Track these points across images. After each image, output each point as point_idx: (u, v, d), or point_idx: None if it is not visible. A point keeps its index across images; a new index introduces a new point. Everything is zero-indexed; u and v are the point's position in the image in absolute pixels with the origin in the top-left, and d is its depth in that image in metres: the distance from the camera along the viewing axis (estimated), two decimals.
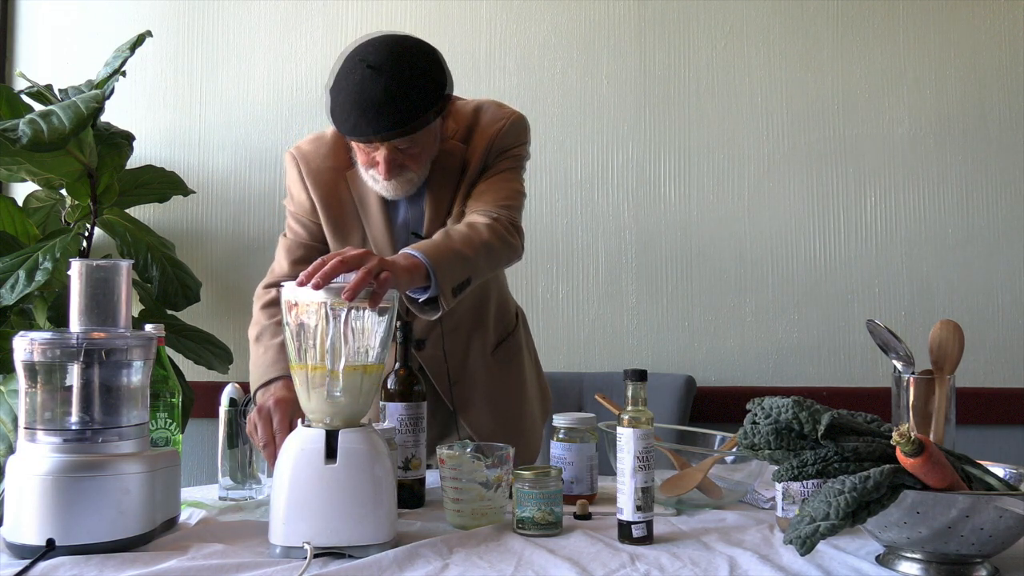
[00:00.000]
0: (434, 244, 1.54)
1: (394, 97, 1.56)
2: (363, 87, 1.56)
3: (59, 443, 1.23)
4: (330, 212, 1.78)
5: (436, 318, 1.59)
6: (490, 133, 1.76)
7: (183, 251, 2.79)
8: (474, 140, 1.76)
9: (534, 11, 2.91)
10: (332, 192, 1.77)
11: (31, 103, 2.42)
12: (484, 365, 1.90)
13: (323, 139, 1.81)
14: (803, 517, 1.07)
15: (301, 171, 1.79)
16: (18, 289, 2.23)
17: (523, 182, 1.82)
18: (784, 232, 2.85)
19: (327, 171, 1.78)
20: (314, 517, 1.21)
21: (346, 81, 1.59)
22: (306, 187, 1.79)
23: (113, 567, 1.15)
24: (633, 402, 1.30)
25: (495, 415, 1.88)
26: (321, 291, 1.26)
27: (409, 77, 1.58)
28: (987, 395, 2.76)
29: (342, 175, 1.78)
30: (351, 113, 1.57)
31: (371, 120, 1.56)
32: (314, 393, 1.27)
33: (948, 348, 1.37)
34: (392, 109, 1.56)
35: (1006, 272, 2.81)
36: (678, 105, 2.88)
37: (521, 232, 1.73)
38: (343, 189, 1.77)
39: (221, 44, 2.97)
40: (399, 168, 1.65)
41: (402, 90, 1.56)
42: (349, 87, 1.58)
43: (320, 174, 1.78)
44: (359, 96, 1.56)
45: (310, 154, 1.80)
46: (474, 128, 1.77)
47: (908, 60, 2.85)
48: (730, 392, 2.79)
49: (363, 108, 1.56)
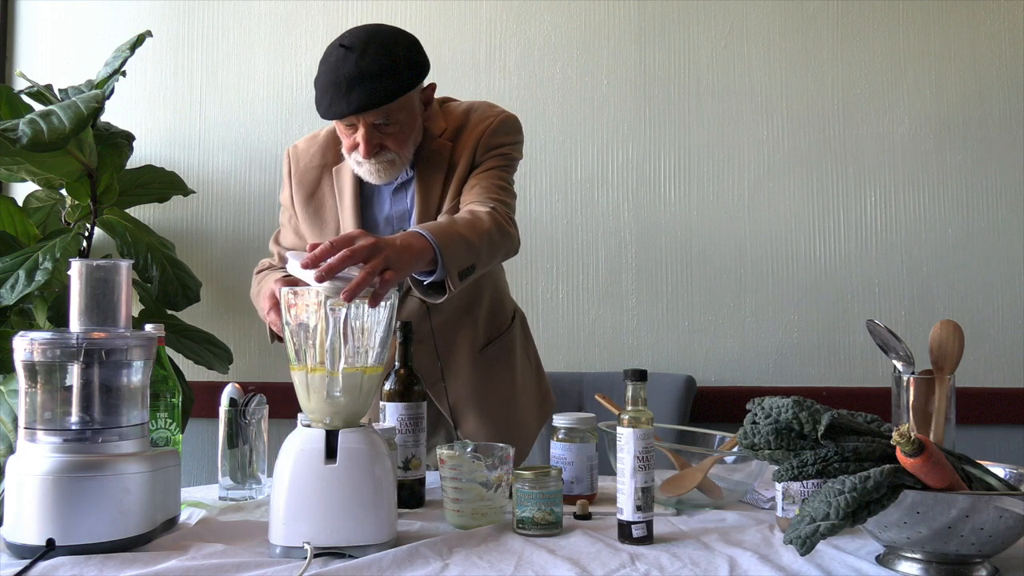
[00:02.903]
0: (440, 226, 1.52)
1: (366, 73, 1.61)
2: (337, 67, 1.63)
3: (59, 443, 1.23)
4: (308, 208, 1.85)
5: (429, 307, 1.63)
6: (479, 130, 1.78)
7: (183, 251, 2.79)
8: (462, 137, 1.79)
9: (534, 11, 2.91)
10: (314, 189, 1.85)
11: (31, 103, 2.42)
12: (471, 362, 1.90)
13: (316, 138, 1.89)
14: (803, 517, 1.07)
15: (291, 169, 1.88)
16: (18, 289, 2.23)
17: (512, 182, 1.83)
18: (784, 232, 2.85)
19: (314, 169, 1.85)
20: (314, 517, 1.21)
21: (323, 65, 1.67)
22: (291, 185, 1.87)
23: (113, 567, 1.15)
24: (633, 402, 1.30)
25: (482, 414, 1.89)
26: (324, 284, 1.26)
27: (381, 53, 1.63)
28: (987, 395, 2.76)
29: (328, 171, 1.84)
30: (327, 93, 1.63)
31: (344, 95, 1.61)
32: (314, 393, 1.27)
33: (948, 348, 1.37)
34: (365, 84, 1.61)
35: (1006, 272, 2.81)
36: (678, 105, 2.88)
37: (516, 225, 1.74)
38: (325, 184, 1.84)
39: (221, 44, 2.97)
40: (378, 148, 1.68)
41: (374, 65, 1.62)
42: (326, 70, 1.65)
43: (307, 172, 1.86)
44: (335, 75, 1.62)
45: (302, 153, 1.88)
46: (463, 127, 1.81)
47: (908, 60, 2.85)
48: (730, 392, 2.79)
49: (337, 85, 1.62)
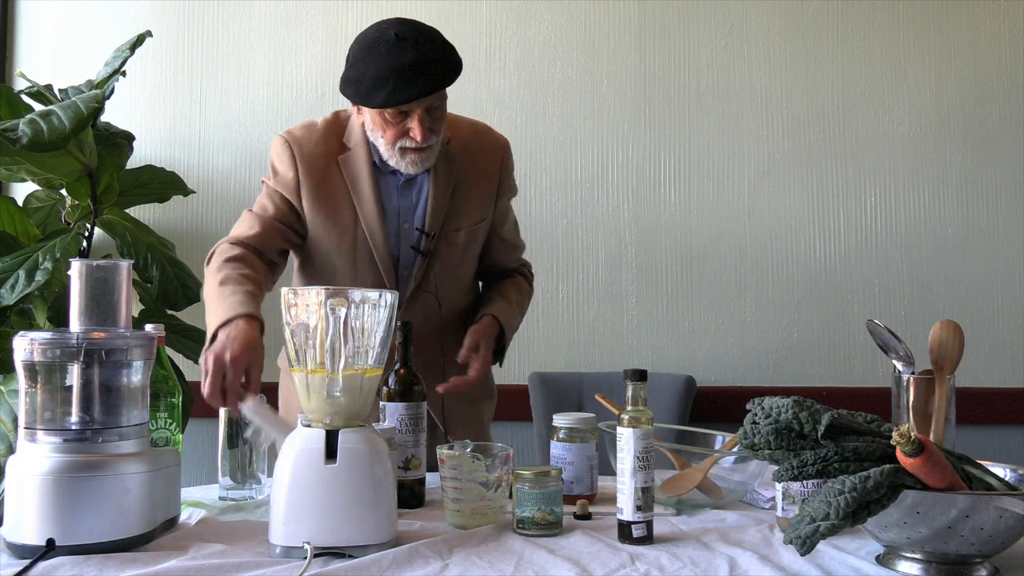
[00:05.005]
0: (508, 314, 1.90)
1: (427, 58, 1.65)
2: (395, 55, 1.64)
3: (59, 443, 1.23)
4: (319, 194, 1.83)
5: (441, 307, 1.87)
6: (497, 162, 1.92)
7: (183, 251, 2.78)
8: (476, 159, 1.89)
9: (534, 11, 2.91)
10: (323, 176, 1.83)
11: (31, 103, 2.42)
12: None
13: (314, 127, 1.87)
14: (803, 517, 1.07)
15: (294, 153, 1.83)
16: (18, 289, 2.23)
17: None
18: (784, 232, 2.85)
19: (320, 156, 1.83)
20: (314, 517, 1.21)
21: (372, 55, 1.66)
22: (296, 168, 1.82)
23: (113, 567, 1.15)
24: (633, 402, 1.30)
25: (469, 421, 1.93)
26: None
27: (434, 39, 1.69)
28: (987, 395, 2.76)
29: (333, 160, 1.83)
30: (386, 81, 1.64)
31: (410, 80, 1.64)
32: (314, 394, 1.27)
33: (948, 348, 1.37)
34: (433, 67, 1.66)
35: (1006, 272, 2.81)
36: (678, 105, 2.88)
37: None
38: (334, 173, 1.83)
39: (221, 44, 2.97)
40: (430, 132, 1.73)
41: (433, 51, 1.67)
42: (379, 59, 1.65)
43: (313, 158, 1.83)
44: (394, 63, 1.64)
45: (302, 139, 1.85)
46: (472, 145, 1.89)
47: (908, 60, 2.85)
48: (730, 392, 2.79)
49: (400, 72, 1.64)
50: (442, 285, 1.88)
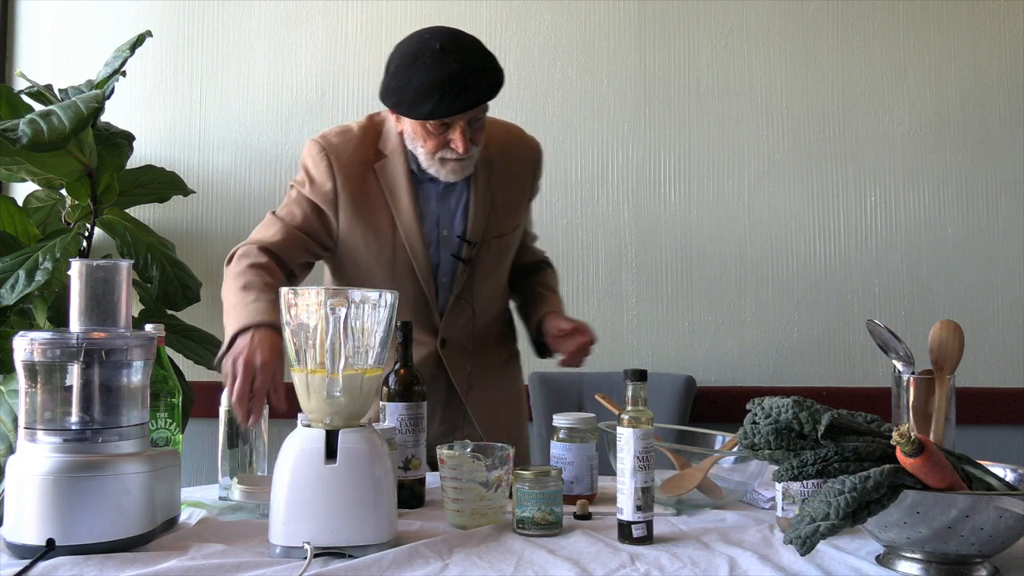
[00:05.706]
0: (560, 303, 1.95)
1: (472, 69, 1.65)
2: (440, 66, 1.63)
3: (59, 443, 1.23)
4: (356, 204, 1.79)
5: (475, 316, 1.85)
6: (532, 164, 1.93)
7: (183, 251, 2.78)
8: (513, 163, 1.89)
9: (534, 11, 2.91)
10: (360, 185, 1.79)
11: (31, 103, 2.42)
12: (500, 371, 1.98)
13: (350, 133, 1.83)
14: (803, 517, 1.07)
15: (331, 163, 1.79)
16: (18, 289, 2.23)
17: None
18: (784, 232, 2.85)
19: (356, 164, 1.80)
20: (314, 517, 1.21)
21: (416, 66, 1.64)
22: (334, 179, 1.78)
23: (113, 567, 1.15)
24: (633, 402, 1.30)
25: (499, 418, 1.92)
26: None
27: (476, 50, 1.69)
28: (987, 395, 2.76)
29: (370, 167, 1.80)
30: (431, 93, 1.63)
31: (457, 92, 1.63)
32: (314, 393, 1.27)
33: (948, 348, 1.37)
34: (479, 78, 1.65)
35: (1006, 272, 2.81)
36: (678, 105, 2.88)
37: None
38: (371, 181, 1.80)
39: (221, 44, 2.97)
40: (471, 144, 1.72)
41: (477, 62, 1.67)
42: (423, 70, 1.63)
43: (351, 167, 1.79)
44: (440, 74, 1.62)
45: (340, 147, 1.80)
46: (509, 148, 1.89)
47: (908, 60, 2.85)
48: (730, 392, 2.79)
49: (446, 84, 1.62)
50: (479, 292, 1.86)
